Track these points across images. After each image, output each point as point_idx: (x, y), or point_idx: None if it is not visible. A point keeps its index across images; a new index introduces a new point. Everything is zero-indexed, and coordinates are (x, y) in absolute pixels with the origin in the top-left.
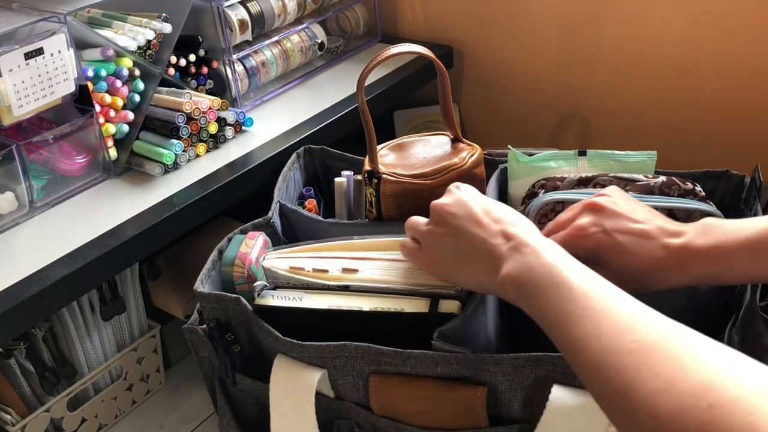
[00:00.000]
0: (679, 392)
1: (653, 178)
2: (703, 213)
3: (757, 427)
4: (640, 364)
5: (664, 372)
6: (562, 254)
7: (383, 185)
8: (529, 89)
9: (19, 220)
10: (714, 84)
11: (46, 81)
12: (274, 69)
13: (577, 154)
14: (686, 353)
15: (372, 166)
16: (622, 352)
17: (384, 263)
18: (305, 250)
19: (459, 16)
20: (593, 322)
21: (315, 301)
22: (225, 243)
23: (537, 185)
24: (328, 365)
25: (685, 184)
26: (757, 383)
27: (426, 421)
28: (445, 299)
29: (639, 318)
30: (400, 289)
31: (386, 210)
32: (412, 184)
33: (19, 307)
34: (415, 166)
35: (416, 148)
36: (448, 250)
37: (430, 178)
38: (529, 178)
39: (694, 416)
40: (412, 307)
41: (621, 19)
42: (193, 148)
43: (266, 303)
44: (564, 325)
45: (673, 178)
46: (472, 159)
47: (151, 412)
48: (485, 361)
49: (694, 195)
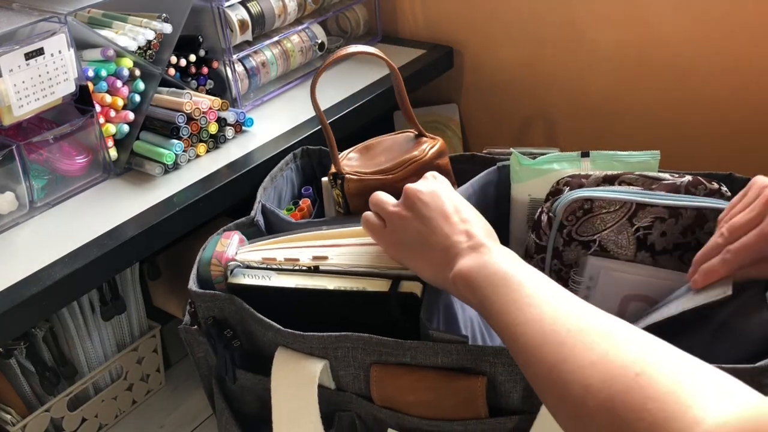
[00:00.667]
0: (609, 364)
1: (679, 177)
2: None
3: (680, 388)
4: (577, 342)
5: (598, 348)
6: (516, 258)
7: (347, 184)
8: (529, 89)
9: (20, 220)
10: (714, 84)
11: (47, 81)
12: (275, 69)
13: (581, 156)
14: (620, 335)
15: (335, 167)
16: (562, 332)
17: (353, 248)
18: (277, 242)
19: (459, 16)
20: (538, 309)
21: (283, 281)
22: (206, 244)
23: (561, 182)
24: (329, 356)
25: (711, 184)
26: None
27: (426, 412)
28: (407, 280)
29: (580, 308)
30: (364, 271)
31: (354, 209)
32: (374, 180)
33: (19, 307)
34: (379, 164)
35: (382, 148)
36: (411, 235)
37: (392, 173)
38: (532, 181)
39: (621, 383)
40: (374, 286)
41: (621, 19)
42: (194, 149)
43: (238, 281)
44: (509, 312)
45: (699, 178)
46: (433, 150)
47: (151, 412)
48: (485, 352)
49: (720, 195)
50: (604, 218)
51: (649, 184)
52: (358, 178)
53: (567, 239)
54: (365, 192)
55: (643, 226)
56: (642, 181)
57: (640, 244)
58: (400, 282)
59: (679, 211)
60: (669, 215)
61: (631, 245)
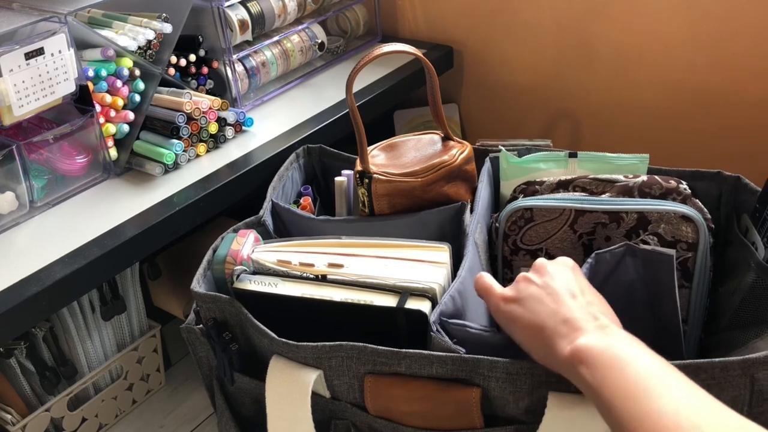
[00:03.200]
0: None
1: (633, 177)
2: (677, 215)
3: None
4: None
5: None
6: (642, 344)
7: (375, 185)
8: (529, 89)
9: (20, 219)
10: (714, 84)
11: (47, 81)
12: (274, 69)
13: (568, 156)
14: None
15: (363, 166)
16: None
17: (370, 260)
18: (294, 245)
19: (459, 16)
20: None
21: (289, 289)
22: (219, 242)
23: (518, 189)
24: (323, 365)
25: (668, 183)
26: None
27: (421, 422)
28: (416, 297)
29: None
30: (374, 284)
31: (379, 209)
32: (403, 182)
33: (19, 306)
34: (406, 165)
35: (407, 148)
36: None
37: (421, 176)
38: (519, 179)
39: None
40: (382, 301)
41: (621, 18)
42: (194, 148)
43: (243, 287)
44: (638, 399)
45: (655, 177)
46: (462, 156)
47: (151, 412)
48: (480, 364)
49: (677, 193)
50: (546, 227)
51: (602, 188)
52: (386, 179)
53: (513, 248)
54: (393, 193)
55: (585, 233)
56: (594, 184)
57: (587, 251)
58: (407, 298)
59: (620, 215)
60: (609, 220)
61: (577, 252)
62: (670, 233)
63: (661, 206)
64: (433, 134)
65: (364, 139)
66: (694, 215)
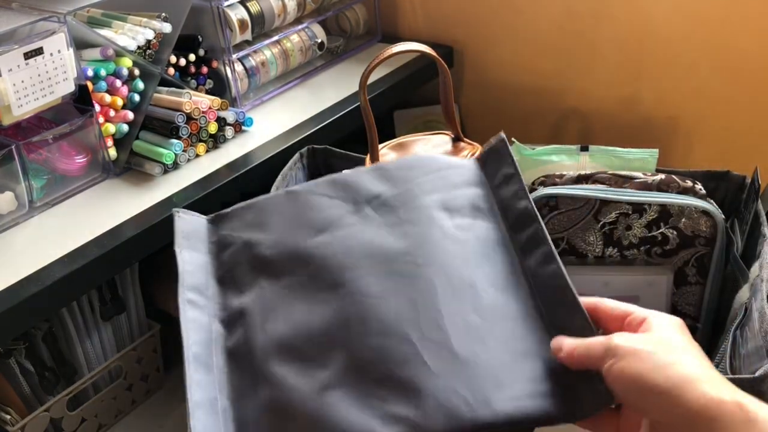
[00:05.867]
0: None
1: (651, 175)
2: (698, 210)
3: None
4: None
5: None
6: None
7: None
8: (529, 89)
9: (19, 219)
10: (715, 83)
11: (46, 81)
12: (274, 69)
13: (579, 150)
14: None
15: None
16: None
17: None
18: None
19: (459, 16)
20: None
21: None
22: None
23: (537, 182)
24: None
25: (684, 182)
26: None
27: None
28: None
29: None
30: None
31: None
32: None
33: (19, 307)
34: None
35: (417, 148)
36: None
37: None
38: (531, 172)
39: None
40: None
41: (621, 17)
42: (193, 148)
43: None
44: None
45: (673, 176)
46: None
47: (151, 412)
48: None
49: (693, 193)
50: (570, 215)
51: (621, 183)
52: None
53: None
54: None
55: (608, 222)
56: (614, 180)
57: (607, 240)
58: None
59: (643, 206)
60: (633, 210)
61: (598, 241)
62: (690, 228)
63: (683, 200)
64: (444, 135)
65: (376, 137)
66: (714, 211)
